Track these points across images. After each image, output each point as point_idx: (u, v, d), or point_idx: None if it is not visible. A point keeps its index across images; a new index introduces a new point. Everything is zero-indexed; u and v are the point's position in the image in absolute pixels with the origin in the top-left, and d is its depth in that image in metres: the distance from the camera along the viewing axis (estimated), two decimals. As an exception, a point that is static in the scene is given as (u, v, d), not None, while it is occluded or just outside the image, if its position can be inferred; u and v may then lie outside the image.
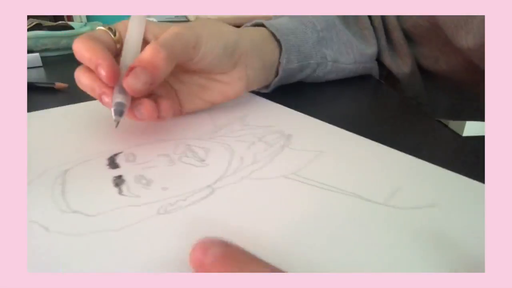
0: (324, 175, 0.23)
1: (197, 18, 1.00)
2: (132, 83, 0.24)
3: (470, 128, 0.32)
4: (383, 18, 0.45)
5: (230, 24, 0.36)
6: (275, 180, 0.23)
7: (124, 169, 0.24)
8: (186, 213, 0.20)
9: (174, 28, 0.27)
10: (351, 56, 0.42)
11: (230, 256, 0.14)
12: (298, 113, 0.34)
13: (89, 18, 0.76)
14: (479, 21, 0.35)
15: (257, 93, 0.39)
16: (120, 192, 0.21)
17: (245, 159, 0.25)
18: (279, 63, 0.36)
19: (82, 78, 0.26)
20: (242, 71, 0.32)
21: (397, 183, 0.23)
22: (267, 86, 0.38)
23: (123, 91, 0.25)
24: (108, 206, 0.20)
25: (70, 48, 0.65)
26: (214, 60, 0.30)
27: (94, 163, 0.25)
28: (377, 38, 0.45)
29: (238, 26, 0.36)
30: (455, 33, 0.38)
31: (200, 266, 0.14)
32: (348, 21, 0.44)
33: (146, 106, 0.26)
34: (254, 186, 0.22)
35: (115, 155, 0.26)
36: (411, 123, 0.32)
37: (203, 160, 0.25)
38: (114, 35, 0.28)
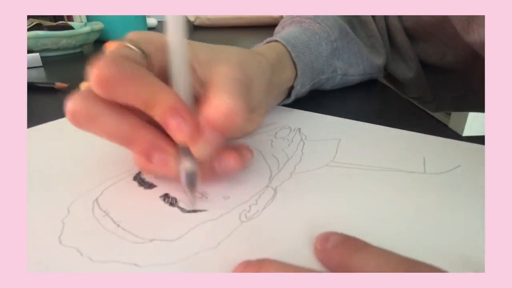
0: (358, 158, 0.26)
1: (197, 18, 1.00)
2: (204, 150, 0.19)
3: (470, 128, 0.32)
4: (386, 20, 0.44)
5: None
6: (322, 169, 0.24)
7: (163, 187, 0.22)
8: (267, 214, 0.20)
9: (231, 71, 0.21)
10: (360, 67, 0.41)
11: (348, 241, 0.17)
12: (285, 108, 0.35)
13: (89, 18, 0.75)
14: None
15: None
16: (183, 211, 0.20)
17: (278, 156, 0.26)
18: (292, 86, 0.34)
19: (111, 120, 0.18)
20: (264, 106, 0.29)
21: (420, 155, 0.26)
22: None
23: (189, 152, 0.19)
24: (184, 227, 0.18)
25: (70, 48, 0.65)
26: (256, 103, 0.25)
27: (121, 187, 0.22)
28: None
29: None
30: (466, 27, 0.37)
31: (322, 251, 0.17)
32: (354, 26, 0.43)
33: (233, 155, 0.21)
34: (307, 178, 0.23)
35: (139, 173, 0.23)
36: (411, 124, 0.32)
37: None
38: (146, 58, 0.20)
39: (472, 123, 0.31)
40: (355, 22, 0.43)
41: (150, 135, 0.19)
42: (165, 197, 0.21)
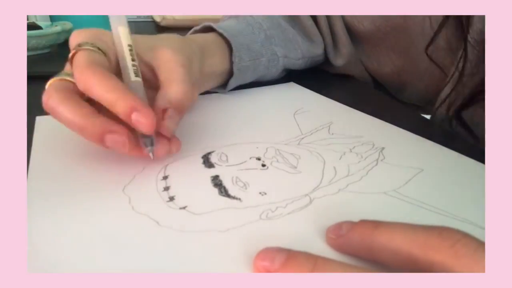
0: (427, 195, 0.22)
1: (164, 18, 0.94)
2: (170, 126, 0.24)
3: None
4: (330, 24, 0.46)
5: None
6: (376, 195, 0.22)
7: (219, 169, 0.25)
8: (287, 221, 0.20)
9: (175, 58, 0.26)
10: (298, 51, 0.43)
11: (363, 223, 0.17)
12: (386, 123, 0.33)
13: (54, 18, 0.71)
14: None
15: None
16: (220, 193, 0.22)
17: (339, 170, 0.25)
18: (232, 62, 0.37)
19: (65, 110, 0.22)
20: (199, 85, 0.33)
21: None
22: (223, 86, 0.39)
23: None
24: (212, 206, 0.21)
25: (39, 49, 0.62)
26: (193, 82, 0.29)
27: (190, 160, 0.26)
28: (323, 35, 0.46)
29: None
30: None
31: (338, 238, 0.17)
32: (291, 19, 0.45)
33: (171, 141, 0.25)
34: (353, 200, 0.22)
35: (209, 153, 0.27)
36: (409, 124, 0.32)
37: (295, 167, 0.25)
38: (105, 55, 0.25)
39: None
40: (291, 18, 0.45)
41: (100, 121, 0.22)
42: (215, 178, 0.24)
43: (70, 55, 0.24)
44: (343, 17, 0.46)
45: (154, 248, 0.17)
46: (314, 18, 0.46)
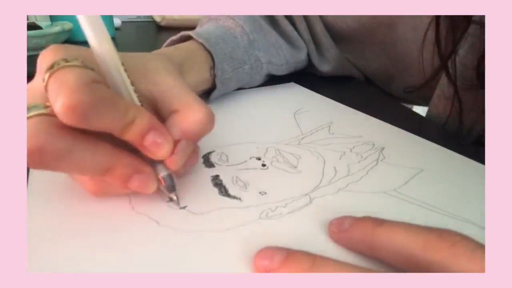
0: (427, 194, 0.23)
1: (163, 18, 0.94)
2: (179, 161, 0.20)
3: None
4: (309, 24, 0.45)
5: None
6: (375, 195, 0.22)
7: (220, 169, 0.25)
8: (287, 220, 0.20)
9: (179, 83, 0.21)
10: (281, 56, 0.42)
11: (365, 219, 0.17)
12: (386, 123, 0.33)
13: (54, 18, 0.71)
14: None
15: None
16: (221, 193, 0.22)
17: (339, 169, 0.25)
18: (215, 75, 0.34)
19: (85, 154, 0.17)
20: None
21: None
22: (205, 94, 0.36)
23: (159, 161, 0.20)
24: (212, 206, 0.21)
25: (40, 49, 0.62)
26: None
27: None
28: (305, 42, 0.45)
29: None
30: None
31: (340, 232, 0.17)
32: (272, 21, 0.44)
33: (195, 156, 0.23)
34: (353, 200, 0.22)
35: (209, 153, 0.26)
36: (409, 124, 0.32)
37: (295, 167, 0.25)
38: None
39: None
40: (271, 19, 0.44)
41: (128, 159, 0.18)
42: (215, 177, 0.24)
43: (47, 76, 0.17)
44: (323, 17, 0.44)
45: (154, 248, 0.17)
46: (293, 23, 0.44)
